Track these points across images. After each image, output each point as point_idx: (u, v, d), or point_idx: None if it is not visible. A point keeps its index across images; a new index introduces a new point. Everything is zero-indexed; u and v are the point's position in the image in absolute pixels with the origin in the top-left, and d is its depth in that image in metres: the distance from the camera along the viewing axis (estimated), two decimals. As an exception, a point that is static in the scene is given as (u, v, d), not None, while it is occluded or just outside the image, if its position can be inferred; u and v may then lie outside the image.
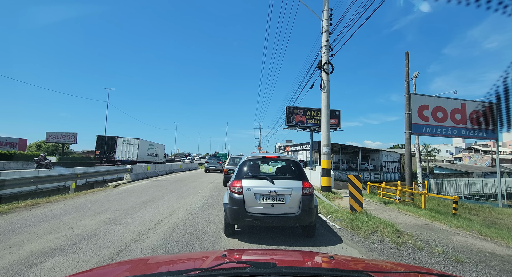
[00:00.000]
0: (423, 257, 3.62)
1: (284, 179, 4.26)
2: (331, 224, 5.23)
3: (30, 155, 26.85)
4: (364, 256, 3.63)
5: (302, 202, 3.96)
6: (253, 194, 3.97)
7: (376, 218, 5.26)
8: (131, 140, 27.94)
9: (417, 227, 5.19)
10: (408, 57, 11.59)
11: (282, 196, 3.98)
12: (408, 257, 3.62)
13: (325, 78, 9.69)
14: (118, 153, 27.95)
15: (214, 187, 11.36)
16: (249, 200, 3.96)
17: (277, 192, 3.96)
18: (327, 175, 9.49)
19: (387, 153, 41.32)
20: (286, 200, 3.96)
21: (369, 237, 4.31)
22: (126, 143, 27.97)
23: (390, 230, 4.49)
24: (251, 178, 4.18)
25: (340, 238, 4.36)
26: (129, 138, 28.01)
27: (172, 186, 11.17)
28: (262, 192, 3.97)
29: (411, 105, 11.62)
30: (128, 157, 27.71)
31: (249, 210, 3.95)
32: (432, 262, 3.46)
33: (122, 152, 27.85)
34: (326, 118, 9.71)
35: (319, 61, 9.88)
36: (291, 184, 4.08)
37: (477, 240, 4.49)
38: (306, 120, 40.32)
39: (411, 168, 11.48)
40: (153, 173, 16.43)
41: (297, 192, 3.98)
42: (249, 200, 3.96)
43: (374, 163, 41.68)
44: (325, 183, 9.51)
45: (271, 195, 3.96)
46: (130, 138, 28.00)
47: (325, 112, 9.73)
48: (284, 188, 4.00)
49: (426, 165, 51.26)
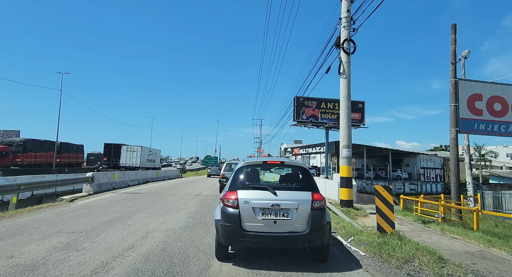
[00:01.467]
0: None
1: (290, 189, 4.38)
2: (353, 249, 5.22)
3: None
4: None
5: (312, 218, 4.00)
6: (251, 208, 4.03)
7: (413, 242, 5.25)
8: (134, 148, 37.54)
9: (467, 255, 5.18)
10: (455, 31, 11.57)
11: (287, 211, 4.03)
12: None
13: (344, 60, 9.68)
14: (122, 159, 36.92)
15: (201, 201, 11.36)
16: (246, 216, 4.02)
17: (280, 205, 4.02)
18: (347, 186, 9.49)
19: (426, 157, 41.43)
20: (292, 216, 4.02)
21: (403, 267, 4.29)
22: (129, 150, 37.19)
23: (431, 258, 4.48)
24: (249, 189, 4.25)
25: (364, 267, 4.34)
26: (132, 146, 37.81)
27: (147, 200, 11.16)
28: (263, 205, 4.03)
29: (458, 95, 11.61)
30: (131, 163, 36.49)
31: (247, 228, 4.00)
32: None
33: (126, 159, 36.86)
34: (346, 112, 9.71)
35: (337, 38, 9.87)
36: (298, 195, 4.15)
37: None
38: (320, 115, 40.26)
39: (458, 176, 11.49)
40: (122, 184, 16.42)
41: (305, 206, 4.04)
42: (247, 216, 4.02)
43: (409, 170, 41.80)
44: (345, 196, 9.51)
45: (273, 209, 4.02)
46: (134, 146, 37.84)
47: (345, 104, 9.72)
48: (290, 201, 4.05)
49: (479, 173, 51.23)
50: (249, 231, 3.96)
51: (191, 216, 8.11)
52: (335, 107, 40.14)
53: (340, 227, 6.84)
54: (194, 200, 11.64)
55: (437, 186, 40.55)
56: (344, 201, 9.50)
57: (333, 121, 39.80)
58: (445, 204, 11.45)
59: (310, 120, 38.92)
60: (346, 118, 9.66)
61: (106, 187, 14.38)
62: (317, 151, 42.56)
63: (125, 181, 17.13)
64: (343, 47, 9.57)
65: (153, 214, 8.27)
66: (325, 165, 38.04)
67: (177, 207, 9.63)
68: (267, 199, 4.04)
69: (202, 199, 12.01)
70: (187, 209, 9.30)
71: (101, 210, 8.73)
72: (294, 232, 3.97)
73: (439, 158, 41.91)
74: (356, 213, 8.91)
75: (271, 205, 3.99)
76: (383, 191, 5.76)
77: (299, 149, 47.42)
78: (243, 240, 3.96)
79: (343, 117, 9.73)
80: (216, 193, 14.50)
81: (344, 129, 9.69)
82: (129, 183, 17.39)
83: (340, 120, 9.85)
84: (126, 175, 17.60)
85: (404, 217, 10.16)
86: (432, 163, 41.21)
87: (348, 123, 9.66)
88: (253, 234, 3.94)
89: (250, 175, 4.64)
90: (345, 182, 9.49)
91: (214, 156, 78.21)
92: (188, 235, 6.04)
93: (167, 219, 7.60)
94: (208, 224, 7.09)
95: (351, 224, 6.99)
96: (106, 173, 15.23)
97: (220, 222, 4.10)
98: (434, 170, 41.02)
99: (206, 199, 12.03)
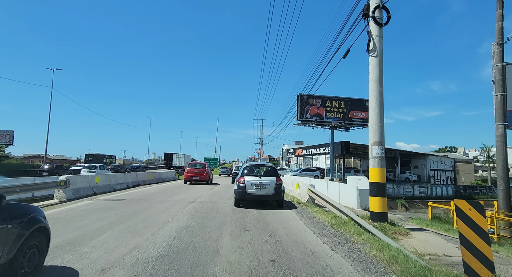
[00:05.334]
0: None
1: (267, 175, 10.53)
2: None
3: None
4: None
5: (275, 188, 10.10)
6: (250, 183, 10.06)
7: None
8: (180, 155, 61.06)
9: None
10: (502, 5, 9.47)
11: (266, 185, 10.08)
12: None
13: (375, 33, 7.60)
14: (173, 162, 58.69)
15: (194, 210, 9.26)
16: (248, 187, 10.03)
17: (263, 182, 10.11)
18: (379, 194, 7.38)
19: (435, 158, 39.30)
20: (267, 187, 10.07)
21: None
22: (177, 157, 60.18)
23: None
24: (249, 175, 10.38)
25: None
26: (179, 153, 62.03)
27: (128, 210, 9.06)
28: (255, 182, 10.09)
29: (505, 82, 9.53)
30: (179, 164, 55.97)
31: (248, 192, 10.02)
32: None
33: (175, 161, 58.77)
34: (377, 99, 7.62)
35: (365, 6, 7.81)
36: (270, 179, 10.25)
37: None
38: (325, 113, 38.06)
39: (508, 181, 9.40)
40: (106, 188, 14.32)
41: (273, 183, 10.11)
42: (248, 187, 10.03)
43: (418, 172, 39.64)
44: (378, 207, 7.40)
45: (259, 184, 10.07)
46: (180, 153, 62.05)
47: (376, 89, 7.63)
48: (266, 181, 10.17)
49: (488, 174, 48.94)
50: (249, 193, 10.03)
51: (177, 235, 6.02)
52: (341, 105, 38.02)
53: (378, 259, 4.74)
54: (187, 209, 9.55)
55: (447, 189, 38.41)
56: (376, 214, 7.37)
57: (338, 120, 37.61)
58: (504, 217, 9.26)
59: (315, 119, 36.73)
60: (378, 107, 7.57)
61: (84, 193, 12.28)
62: (321, 151, 40.41)
63: (111, 184, 15.02)
64: (374, 16, 7.50)
65: (127, 233, 6.17)
66: (330, 166, 35.84)
67: (163, 220, 7.54)
68: (257, 180, 10.17)
69: (196, 207, 9.92)
70: (175, 223, 7.21)
71: (61, 226, 6.62)
72: (268, 194, 10.08)
73: (450, 160, 39.80)
74: (393, 230, 6.80)
75: (259, 182, 10.10)
76: (469, 209, 3.62)
77: (302, 150, 45.28)
78: (247, 196, 10.07)
79: (373, 106, 7.64)
80: (213, 199, 12.41)
81: (375, 122, 7.58)
82: (115, 187, 15.27)
83: (369, 111, 7.77)
84: (112, 178, 15.49)
85: (447, 233, 8.05)
86: (443, 165, 39.09)
87: (381, 113, 7.57)
88: (251, 194, 10.04)
89: (249, 170, 10.79)
90: (378, 189, 7.38)
91: (213, 157, 76.44)
92: (168, 270, 3.97)
93: (143, 241, 5.50)
94: (199, 251, 5.01)
95: (399, 251, 4.86)
96: (86, 176, 13.13)
97: (237, 190, 10.11)
98: (445, 172, 38.90)
99: (202, 207, 9.94)
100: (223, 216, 8.42)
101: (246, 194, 9.96)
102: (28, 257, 3.50)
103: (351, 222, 7.31)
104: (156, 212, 8.84)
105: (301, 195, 12.86)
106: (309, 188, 11.56)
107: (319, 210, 9.66)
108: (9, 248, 3.14)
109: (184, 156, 60.51)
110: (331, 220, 7.78)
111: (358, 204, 11.69)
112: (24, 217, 3.47)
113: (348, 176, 14.44)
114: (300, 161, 63.78)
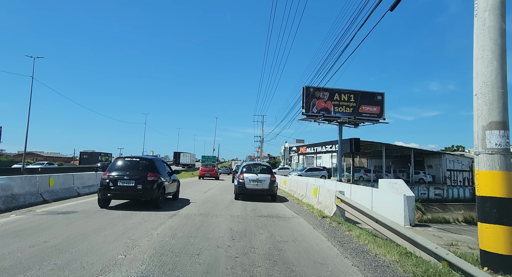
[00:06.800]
0: None
1: (263, 173, 11.96)
2: None
3: None
4: None
5: (270, 184, 11.58)
6: (248, 180, 11.55)
7: None
8: (186, 154, 67.41)
9: None
10: None
11: (262, 181, 11.57)
12: None
13: None
14: (181, 160, 64.70)
15: (172, 232, 5.77)
16: (246, 182, 11.52)
17: (259, 179, 11.59)
18: (505, 219, 3.91)
19: (452, 157, 35.94)
20: (263, 182, 11.55)
21: None
22: (184, 155, 66.43)
23: None
24: (247, 173, 11.84)
25: None
26: (185, 152, 68.21)
27: (62, 235, 5.56)
28: (252, 179, 11.58)
29: None
30: (186, 162, 63.86)
31: (246, 187, 11.51)
32: None
33: (182, 160, 64.70)
34: (496, 44, 4.13)
35: None
36: (266, 176, 11.76)
37: None
38: (333, 108, 34.29)
39: None
40: (65, 192, 10.81)
41: (268, 179, 11.61)
42: (246, 182, 11.52)
43: (432, 172, 36.25)
44: (503, 244, 3.92)
45: (256, 180, 11.56)
46: (186, 152, 68.31)
47: (495, 28, 4.15)
48: (262, 177, 11.65)
49: None
50: (247, 188, 11.51)
51: None
52: (350, 99, 34.28)
53: None
54: (159, 230, 6.07)
55: (465, 191, 35.13)
56: (501, 258, 3.89)
57: (348, 115, 33.85)
58: None
59: (322, 114, 32.96)
60: (499, 58, 4.08)
61: (27, 200, 8.79)
62: (327, 149, 36.96)
63: (74, 188, 11.49)
64: None
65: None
66: (338, 166, 32.31)
67: (103, 265, 4.08)
68: (254, 176, 11.66)
69: (174, 227, 6.45)
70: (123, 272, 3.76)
71: None
72: (264, 189, 11.57)
73: (467, 159, 36.46)
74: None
75: (256, 179, 11.58)
76: None
77: (306, 148, 41.82)
78: (245, 191, 11.54)
79: (488, 58, 4.14)
80: (207, 212, 8.97)
81: (492, 86, 4.09)
82: (80, 191, 11.75)
83: (478, 67, 4.29)
84: (77, 179, 11.94)
85: None
86: (459, 165, 35.76)
87: (503, 70, 4.10)
88: (249, 189, 11.52)
89: (248, 168, 12.34)
90: (502, 211, 3.91)
91: (212, 156, 73.14)
92: None
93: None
94: None
95: None
96: (33, 177, 9.62)
97: (236, 185, 11.71)
98: (462, 173, 35.58)
99: (182, 229, 6.47)
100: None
101: (244, 189, 11.58)
102: None
103: (447, 268, 3.89)
104: (105, 240, 5.33)
105: (324, 204, 9.44)
106: (338, 197, 8.14)
107: (365, 234, 6.19)
108: None
109: (190, 154, 68.86)
110: (406, 263, 4.34)
111: (406, 219, 8.31)
112: None
113: (381, 180, 10.96)
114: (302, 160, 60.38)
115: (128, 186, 8.33)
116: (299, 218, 8.29)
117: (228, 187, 18.52)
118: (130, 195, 8.56)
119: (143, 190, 8.32)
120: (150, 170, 8.76)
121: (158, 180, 8.76)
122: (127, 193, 8.44)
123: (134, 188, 8.32)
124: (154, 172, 8.79)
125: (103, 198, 8.42)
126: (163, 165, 10.11)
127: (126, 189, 8.34)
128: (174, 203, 10.26)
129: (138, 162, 9.17)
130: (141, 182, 8.35)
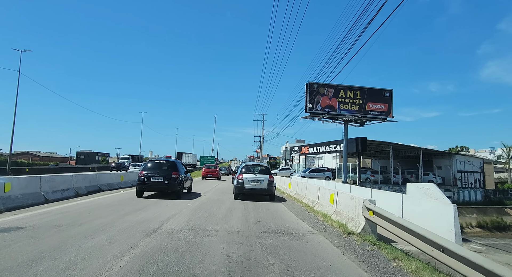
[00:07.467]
0: None
1: (261, 173, 12.14)
2: None
3: None
4: None
5: (268, 184, 11.82)
6: (247, 180, 11.78)
7: None
8: (188, 154, 68.39)
9: None
10: None
11: (260, 181, 11.80)
12: None
13: None
14: (183, 160, 61.33)
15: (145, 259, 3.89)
16: (245, 182, 11.76)
17: (258, 179, 11.81)
18: None
19: (462, 158, 34.09)
20: (262, 183, 11.78)
21: None
22: (186, 156, 67.05)
23: None
24: (246, 173, 12.08)
25: None
26: (187, 153, 69.20)
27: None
28: (251, 179, 11.81)
29: None
30: (188, 162, 62.05)
31: (245, 187, 11.75)
32: None
33: (184, 160, 62.44)
34: None
35: None
36: (264, 176, 11.96)
37: None
38: (339, 105, 32.28)
39: None
40: (28, 198, 8.86)
41: (266, 179, 11.85)
42: (245, 182, 11.76)
43: (442, 173, 34.42)
44: None
45: (255, 181, 11.78)
46: (188, 153, 69.44)
47: None
48: (261, 178, 11.86)
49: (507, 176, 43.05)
50: (246, 188, 11.74)
51: None
52: (356, 96, 32.16)
53: None
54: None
55: (476, 193, 33.22)
56: None
57: (354, 113, 31.72)
58: None
59: (327, 111, 30.81)
60: None
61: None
62: (331, 150, 35.04)
63: (40, 192, 9.54)
64: None
65: None
66: (343, 166, 30.32)
67: None
68: (253, 177, 11.87)
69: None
70: None
71: None
72: (262, 189, 11.79)
73: (478, 160, 34.68)
74: None
75: (254, 179, 11.80)
76: None
77: (309, 148, 39.92)
78: (244, 191, 11.79)
79: None
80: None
81: None
82: (49, 196, 9.77)
83: None
84: (46, 182, 9.92)
85: None
86: (470, 166, 33.93)
87: None
88: (248, 189, 11.74)
89: (247, 168, 12.46)
90: None
91: (210, 156, 71.24)
92: None
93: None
94: None
95: None
96: (-18, 180, 7.74)
97: (236, 185, 11.97)
98: (473, 174, 33.75)
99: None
100: None
101: (244, 189, 11.83)
102: None
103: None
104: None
105: (345, 215, 7.55)
106: (370, 208, 6.26)
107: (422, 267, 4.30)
108: None
109: (191, 155, 70.44)
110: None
111: (458, 237, 6.40)
112: None
113: (408, 184, 9.13)
114: (302, 161, 58.48)
115: (158, 181, 11.20)
116: (318, 235, 6.40)
117: (229, 185, 20.29)
118: (160, 188, 11.45)
119: (169, 184, 11.21)
120: (174, 169, 11.61)
121: (179, 177, 11.56)
122: (158, 186, 11.35)
123: (162, 183, 11.20)
124: (177, 171, 11.61)
125: (140, 190, 11.30)
126: (182, 166, 12.83)
127: (157, 184, 11.23)
128: (189, 195, 12.95)
129: (164, 163, 12.21)
130: (168, 179, 11.20)
